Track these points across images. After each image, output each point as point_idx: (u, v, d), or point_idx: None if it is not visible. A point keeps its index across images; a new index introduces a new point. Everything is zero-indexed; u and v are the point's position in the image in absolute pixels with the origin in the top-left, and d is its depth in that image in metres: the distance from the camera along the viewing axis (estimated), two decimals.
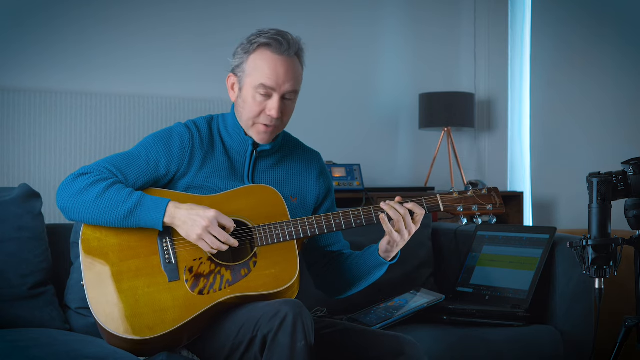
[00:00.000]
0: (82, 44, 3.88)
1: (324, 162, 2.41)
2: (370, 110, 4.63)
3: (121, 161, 2.17)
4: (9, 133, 3.65)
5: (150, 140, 2.22)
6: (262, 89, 2.16)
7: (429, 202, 2.22)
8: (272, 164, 2.29)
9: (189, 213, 2.06)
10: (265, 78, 2.16)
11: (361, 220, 2.19)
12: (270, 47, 2.17)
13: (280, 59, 2.17)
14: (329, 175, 2.41)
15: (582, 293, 2.75)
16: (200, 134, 2.24)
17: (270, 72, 2.16)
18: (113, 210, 2.08)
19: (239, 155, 2.25)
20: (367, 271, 2.29)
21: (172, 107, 4.00)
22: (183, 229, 2.08)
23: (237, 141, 2.25)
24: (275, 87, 2.16)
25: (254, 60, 2.18)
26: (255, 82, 2.17)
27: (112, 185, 2.10)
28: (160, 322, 2.04)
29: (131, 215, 2.08)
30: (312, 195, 2.34)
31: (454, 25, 4.90)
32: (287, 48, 2.17)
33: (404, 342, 2.16)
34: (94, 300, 2.07)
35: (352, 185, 4.06)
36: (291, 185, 2.30)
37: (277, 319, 1.92)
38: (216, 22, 4.18)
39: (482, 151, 4.93)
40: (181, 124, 2.25)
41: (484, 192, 2.25)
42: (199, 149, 2.22)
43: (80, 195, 2.10)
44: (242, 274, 2.10)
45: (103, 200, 2.08)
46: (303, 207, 2.31)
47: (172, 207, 2.08)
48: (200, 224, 2.05)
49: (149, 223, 2.08)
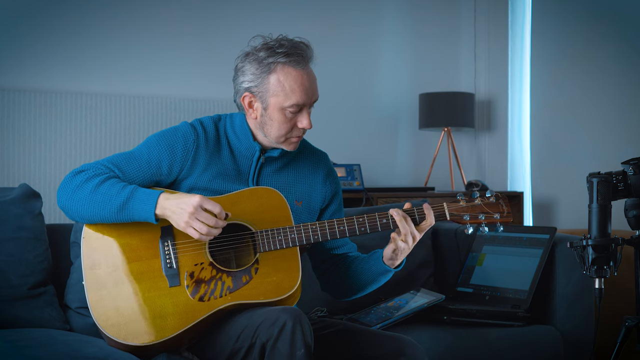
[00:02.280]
0: (82, 44, 3.88)
1: (331, 164, 2.37)
2: (370, 110, 4.63)
3: (121, 160, 2.15)
4: (9, 133, 3.66)
5: (153, 140, 2.19)
6: (295, 108, 2.13)
7: (435, 210, 2.18)
8: (278, 168, 2.26)
9: (177, 202, 2.02)
10: (297, 97, 2.12)
11: (365, 228, 2.15)
12: (292, 64, 2.12)
13: (304, 73, 2.14)
14: (337, 177, 2.37)
15: (582, 293, 2.75)
16: (207, 134, 2.20)
17: (299, 90, 2.12)
18: (106, 204, 2.05)
19: (246, 158, 2.22)
20: (372, 278, 2.27)
21: (172, 107, 4.00)
22: (173, 219, 2.04)
23: (245, 145, 2.22)
24: (307, 102, 2.15)
25: (277, 79, 2.12)
26: (286, 102, 2.13)
27: (106, 180, 2.08)
28: (160, 328, 2.03)
29: (124, 208, 2.04)
30: (317, 198, 2.31)
31: (454, 25, 4.90)
32: (307, 60, 2.15)
33: (404, 342, 2.16)
34: (94, 304, 2.06)
35: (352, 185, 4.06)
36: (297, 190, 2.27)
37: (276, 326, 1.92)
38: (216, 22, 4.18)
39: (482, 151, 4.93)
40: (187, 124, 2.21)
41: (491, 200, 2.20)
42: (203, 150, 2.19)
43: (76, 193, 2.08)
44: (244, 281, 2.08)
45: (97, 194, 2.06)
46: (308, 211, 2.28)
47: (163, 199, 2.04)
48: (185, 210, 2.00)
49: (142, 216, 2.05)
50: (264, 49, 2.14)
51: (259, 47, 2.15)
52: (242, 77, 2.16)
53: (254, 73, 2.14)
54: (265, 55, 2.12)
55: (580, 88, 4.38)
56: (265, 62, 2.12)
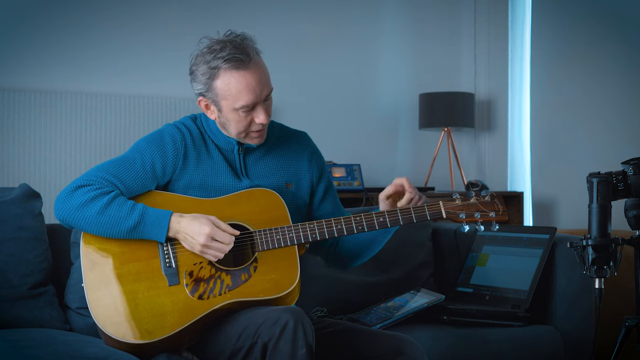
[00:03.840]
0: (82, 44, 3.88)
1: (313, 142, 2.38)
2: (370, 110, 4.63)
3: (117, 169, 2.16)
4: (9, 133, 3.66)
5: (142, 144, 2.21)
6: (244, 108, 2.14)
7: (432, 209, 2.19)
8: (260, 155, 2.28)
9: (188, 229, 2.07)
10: (244, 99, 2.12)
11: (363, 227, 2.17)
12: (233, 68, 2.11)
13: (247, 73, 2.12)
14: (320, 155, 2.39)
15: (582, 293, 2.75)
16: (191, 133, 2.24)
17: (246, 91, 2.12)
18: (115, 227, 2.08)
19: (228, 152, 2.25)
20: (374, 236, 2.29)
21: (172, 107, 4.00)
22: (186, 244, 2.10)
23: (223, 140, 2.25)
24: (256, 101, 2.14)
25: (222, 84, 2.13)
26: (235, 105, 2.13)
27: (113, 200, 2.09)
28: (160, 326, 2.04)
29: (134, 232, 2.09)
30: (306, 178, 2.32)
31: (454, 25, 4.90)
32: (248, 60, 2.12)
33: (404, 342, 2.16)
34: (94, 303, 2.07)
35: (352, 185, 4.06)
36: (284, 172, 2.29)
37: (278, 326, 1.93)
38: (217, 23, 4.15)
39: (482, 151, 4.93)
40: (170, 125, 2.25)
41: (487, 199, 2.22)
42: (192, 148, 2.22)
43: (82, 210, 2.09)
44: (243, 279, 2.09)
45: (105, 216, 2.08)
46: (299, 192, 2.30)
47: (175, 222, 2.09)
48: (197, 242, 2.06)
49: (154, 238, 2.10)
50: (208, 52, 2.15)
51: (205, 50, 2.16)
52: (195, 83, 2.19)
53: (201, 80, 2.16)
54: (210, 59, 2.13)
55: (580, 88, 4.38)
56: (210, 66, 2.13)
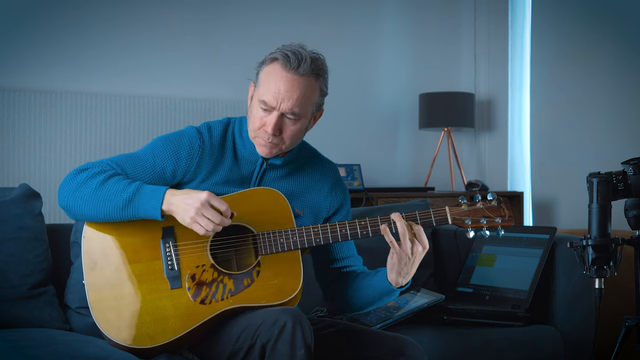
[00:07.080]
0: (82, 44, 3.88)
1: (338, 175, 2.33)
2: (370, 110, 4.64)
3: (126, 161, 2.14)
4: (9, 133, 3.66)
5: (159, 144, 2.18)
6: (263, 104, 2.11)
7: (437, 214, 2.16)
8: (281, 175, 2.24)
9: (183, 197, 2.01)
10: (267, 95, 2.09)
11: (367, 231, 2.13)
12: (278, 62, 2.10)
13: (285, 76, 2.09)
14: (345, 189, 2.33)
15: (582, 293, 2.75)
16: (212, 139, 2.19)
17: (271, 88, 2.09)
18: (111, 200, 2.04)
19: (249, 163, 2.21)
20: (376, 297, 2.23)
21: (173, 107, 4.00)
22: (178, 214, 2.03)
23: (249, 149, 2.20)
24: (274, 104, 2.09)
25: (265, 72, 2.12)
26: (260, 96, 2.11)
27: (111, 177, 2.07)
28: (161, 331, 2.03)
29: (129, 205, 2.04)
30: (323, 208, 2.28)
31: (454, 25, 4.91)
32: (296, 66, 2.08)
33: (404, 342, 2.16)
34: (95, 304, 2.06)
35: (352, 186, 4.06)
36: (300, 199, 2.24)
37: (276, 327, 1.91)
38: (217, 23, 4.18)
39: (482, 151, 4.93)
40: (193, 128, 2.20)
41: (493, 204, 2.17)
42: (208, 156, 2.18)
43: (80, 189, 2.07)
44: (245, 284, 2.07)
45: (102, 191, 2.05)
46: (308, 218, 2.25)
47: (169, 194, 2.03)
48: (192, 206, 1.99)
49: (148, 211, 2.04)
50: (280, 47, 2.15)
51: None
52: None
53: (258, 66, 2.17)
54: (274, 50, 2.14)
55: (580, 87, 4.38)
56: (270, 55, 2.14)
